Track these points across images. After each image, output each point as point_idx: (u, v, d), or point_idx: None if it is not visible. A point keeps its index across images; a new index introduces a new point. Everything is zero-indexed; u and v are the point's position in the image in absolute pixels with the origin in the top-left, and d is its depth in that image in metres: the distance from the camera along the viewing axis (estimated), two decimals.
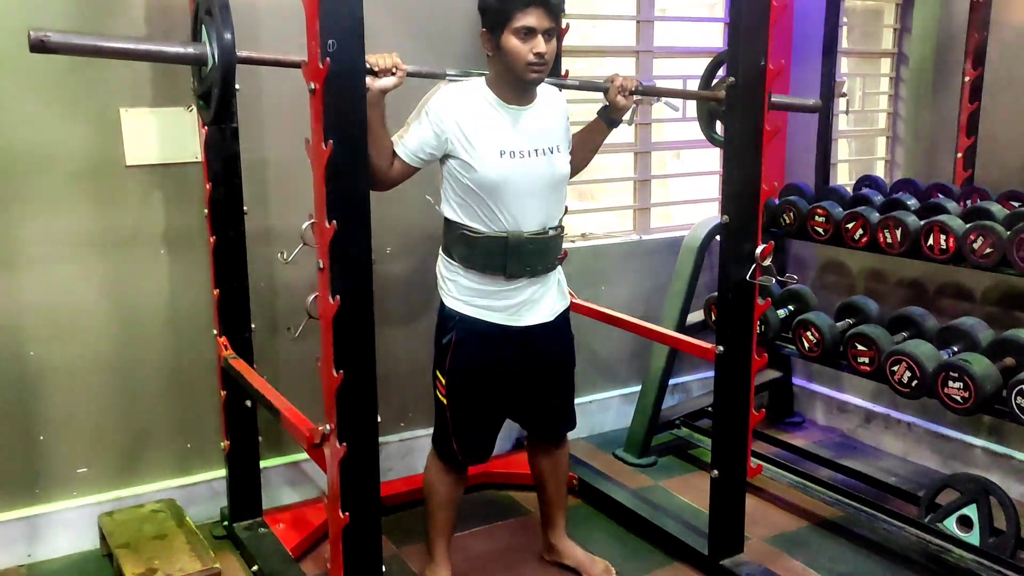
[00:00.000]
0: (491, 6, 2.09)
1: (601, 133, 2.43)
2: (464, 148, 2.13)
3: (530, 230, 2.21)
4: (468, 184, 2.15)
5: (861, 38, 4.01)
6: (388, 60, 1.94)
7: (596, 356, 3.59)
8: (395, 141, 2.13)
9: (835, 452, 3.41)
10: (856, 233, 2.92)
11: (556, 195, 2.28)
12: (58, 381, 2.60)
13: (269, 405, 2.17)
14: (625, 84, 2.31)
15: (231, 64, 1.70)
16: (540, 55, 2.07)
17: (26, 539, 2.62)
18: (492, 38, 2.11)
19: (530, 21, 2.05)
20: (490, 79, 2.19)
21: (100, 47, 1.73)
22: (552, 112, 2.28)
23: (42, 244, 2.51)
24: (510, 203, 2.17)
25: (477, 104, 2.15)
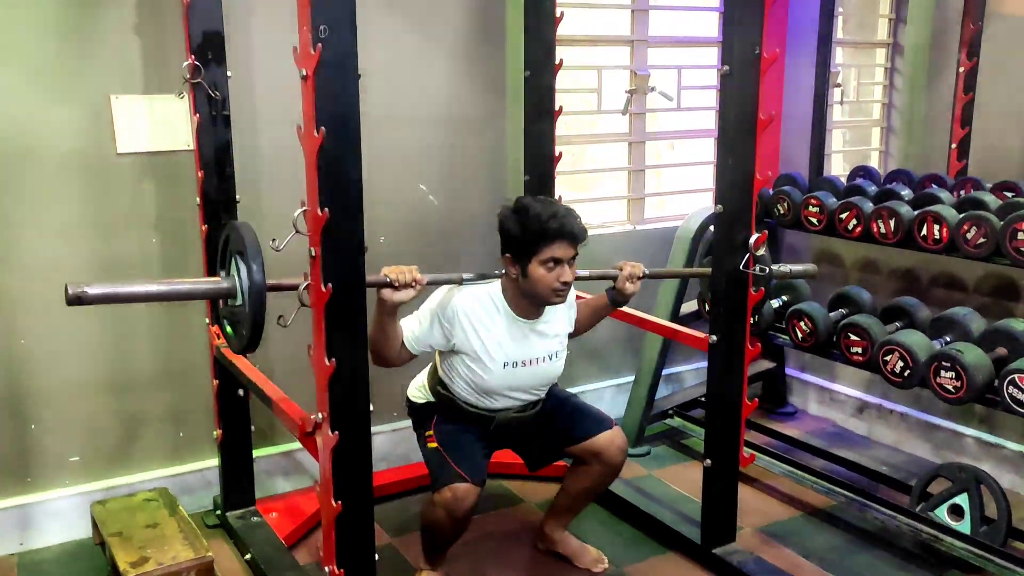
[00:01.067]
0: (517, 237, 2.16)
1: (605, 311, 2.57)
2: (471, 353, 2.25)
3: (517, 408, 2.38)
4: (467, 374, 2.28)
5: (856, 28, 4.00)
6: (407, 275, 2.00)
7: (589, 346, 3.58)
8: (406, 335, 2.21)
9: (827, 442, 3.42)
10: (850, 223, 2.92)
11: (547, 386, 2.43)
12: (50, 369, 2.59)
13: (261, 394, 2.17)
14: (634, 272, 2.43)
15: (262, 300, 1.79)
16: (566, 283, 2.18)
17: (18, 528, 2.62)
18: (516, 264, 2.18)
19: (557, 253, 2.14)
20: (505, 289, 2.26)
21: (137, 293, 1.81)
22: (559, 317, 2.37)
23: (33, 232, 2.50)
24: (503, 397, 2.33)
25: (489, 314, 2.24)
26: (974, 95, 3.26)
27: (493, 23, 3.11)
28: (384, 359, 2.21)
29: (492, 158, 3.21)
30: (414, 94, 3.00)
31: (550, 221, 2.12)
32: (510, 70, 3.14)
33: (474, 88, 3.12)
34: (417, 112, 3.03)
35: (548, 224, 2.12)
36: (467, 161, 3.16)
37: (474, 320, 2.23)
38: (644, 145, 3.65)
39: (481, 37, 3.10)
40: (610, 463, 2.42)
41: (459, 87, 3.09)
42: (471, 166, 3.17)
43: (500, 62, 3.15)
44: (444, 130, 3.09)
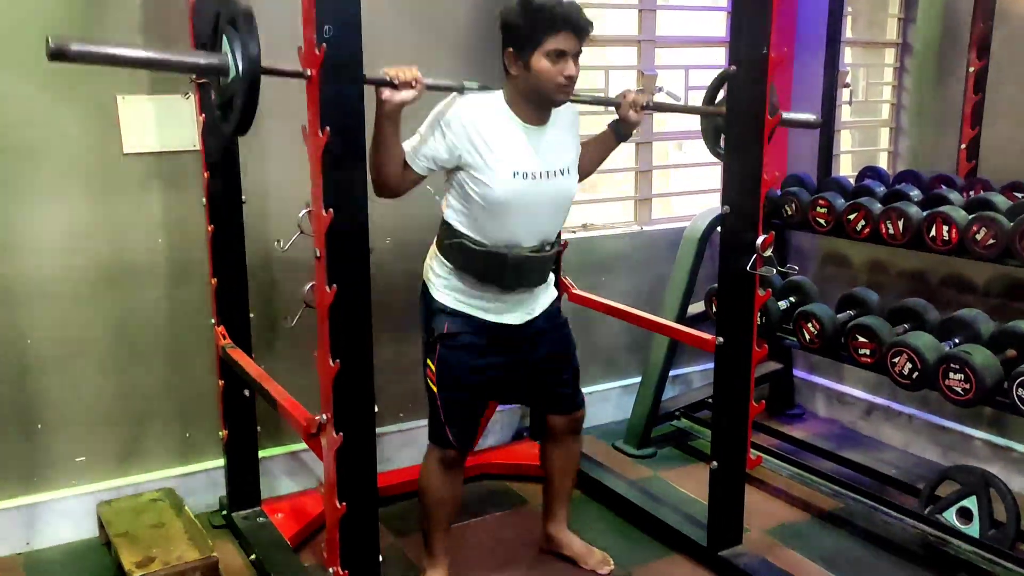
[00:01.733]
0: (519, 27, 2.08)
1: (610, 145, 2.44)
2: (477, 164, 2.11)
3: (530, 246, 2.22)
4: (476, 198, 2.14)
5: (866, 27, 3.98)
6: (408, 73, 1.93)
7: (596, 347, 3.58)
8: (407, 150, 2.12)
9: (835, 444, 3.40)
10: (858, 224, 2.91)
11: (561, 214, 2.30)
12: (56, 369, 2.60)
13: (266, 394, 2.17)
14: (637, 100, 2.32)
15: (257, 76, 1.67)
16: (570, 78, 2.09)
17: (24, 527, 2.63)
18: (519, 58, 2.10)
19: (561, 44, 2.06)
20: (508, 95, 2.17)
21: (120, 56, 1.71)
22: (566, 128, 2.28)
23: (39, 232, 2.50)
24: (515, 221, 2.17)
25: (494, 120, 2.14)
26: (984, 95, 3.24)
27: None
28: (386, 180, 2.09)
29: None
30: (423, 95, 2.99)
31: (556, 8, 2.05)
32: None
33: None
34: (424, 112, 3.01)
35: (554, 11, 2.03)
36: None
37: (480, 125, 2.10)
38: (651, 145, 3.64)
39: (488, 37, 3.08)
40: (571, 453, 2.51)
41: None
42: None
43: None
44: None
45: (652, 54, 3.54)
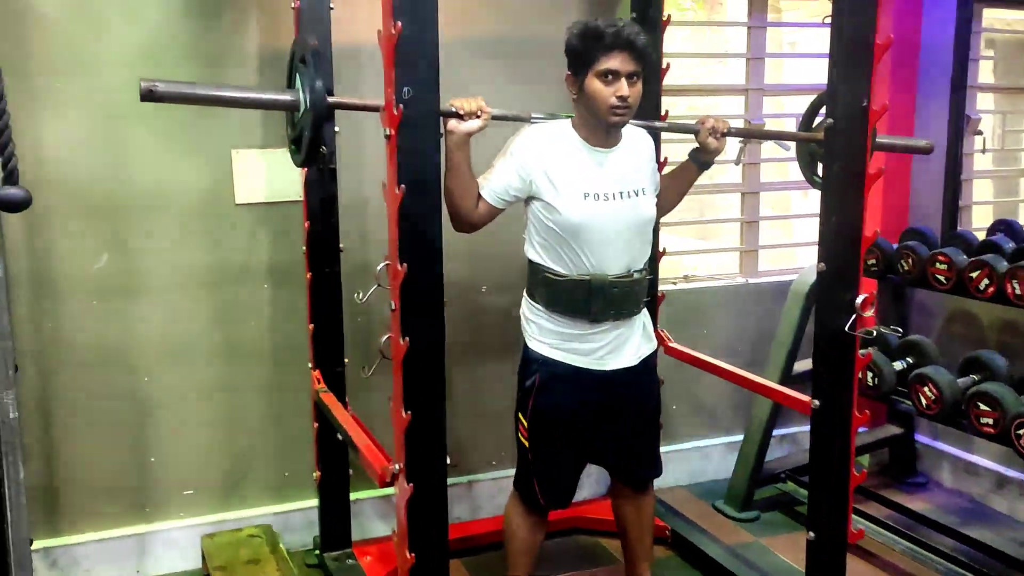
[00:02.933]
0: (575, 49, 2.10)
1: (691, 175, 2.37)
2: (548, 191, 2.12)
3: (614, 273, 2.17)
4: (551, 226, 2.14)
5: (1006, 73, 3.75)
6: (473, 104, 1.97)
7: (698, 401, 3.48)
8: (480, 183, 2.15)
9: (961, 518, 3.13)
10: (981, 283, 2.71)
11: (641, 238, 2.24)
12: (169, 406, 2.75)
13: (350, 440, 2.21)
14: (716, 126, 2.25)
15: (321, 110, 1.77)
16: (623, 99, 2.06)
17: (136, 555, 2.78)
18: (576, 80, 2.12)
19: (614, 64, 2.04)
20: (575, 121, 2.18)
21: (202, 95, 1.86)
22: (638, 153, 2.25)
23: (159, 276, 2.68)
24: (593, 246, 2.14)
25: (562, 146, 2.15)
26: None
27: None
28: (461, 214, 2.10)
29: None
30: None
31: (608, 28, 2.02)
32: None
33: None
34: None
35: (606, 31, 2.02)
36: None
37: (548, 152, 2.12)
38: (758, 196, 3.54)
39: None
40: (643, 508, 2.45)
41: None
42: None
43: None
44: None
45: (760, 103, 3.45)
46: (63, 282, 2.58)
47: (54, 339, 2.60)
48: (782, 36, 4.03)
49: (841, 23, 2.04)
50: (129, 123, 2.58)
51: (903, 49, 3.43)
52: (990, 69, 3.80)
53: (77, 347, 2.62)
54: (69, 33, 2.49)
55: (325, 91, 1.80)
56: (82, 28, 2.50)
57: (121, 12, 2.53)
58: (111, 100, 2.54)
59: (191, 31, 2.60)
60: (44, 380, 2.60)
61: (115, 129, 2.57)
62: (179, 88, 1.81)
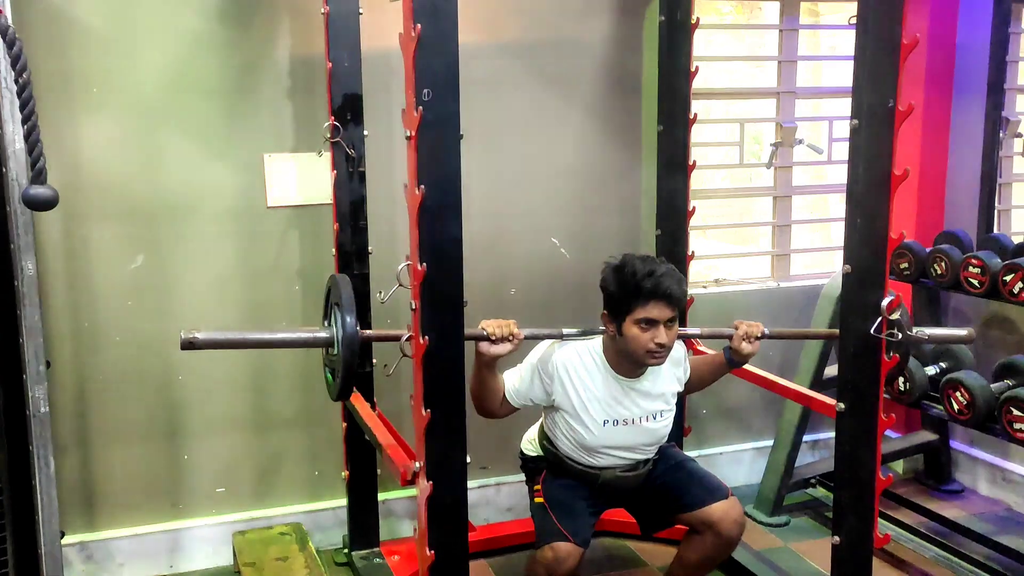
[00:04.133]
0: (613, 295, 2.16)
1: (722, 371, 2.46)
2: (570, 411, 2.24)
3: (623, 467, 2.33)
4: (569, 433, 2.28)
5: None
6: (505, 329, 2.02)
7: (728, 406, 3.45)
8: (506, 386, 2.24)
9: (996, 527, 3.07)
10: (1015, 287, 2.66)
11: (655, 445, 2.37)
12: (202, 405, 2.81)
13: (375, 439, 2.24)
14: (750, 332, 2.31)
15: (353, 351, 1.92)
16: (661, 345, 2.12)
17: (168, 551, 2.84)
18: (613, 322, 2.17)
19: (652, 313, 2.10)
20: (607, 346, 2.25)
21: (240, 340, 2.01)
22: (665, 375, 2.32)
23: (192, 278, 2.75)
24: (607, 455, 2.30)
25: (589, 371, 2.24)
26: None
27: (629, 77, 3.12)
28: (487, 411, 2.24)
29: (626, 212, 3.20)
30: (549, 148, 3.05)
31: (645, 280, 2.08)
32: (645, 124, 3.13)
33: (608, 142, 3.13)
34: (551, 166, 3.08)
35: (643, 283, 2.08)
36: (600, 215, 3.16)
37: (573, 376, 2.21)
38: (790, 199, 3.51)
39: (617, 91, 3.12)
40: (723, 536, 2.30)
41: (594, 141, 3.12)
42: (604, 220, 3.17)
43: (636, 116, 3.15)
44: (578, 184, 3.12)
45: (792, 105, 3.43)
46: (100, 281, 2.66)
47: (91, 336, 2.67)
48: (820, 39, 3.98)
49: (866, 23, 2.02)
50: (164, 128, 2.65)
51: (939, 49, 3.38)
52: None
53: (113, 345, 2.69)
54: (106, 40, 2.57)
55: (356, 332, 1.92)
56: (119, 35, 2.58)
57: (157, 20, 2.60)
58: (147, 105, 2.62)
59: (224, 38, 2.67)
60: (81, 377, 2.68)
61: (150, 134, 2.64)
62: (217, 336, 1.92)
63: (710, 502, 2.29)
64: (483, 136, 2.86)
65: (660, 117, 2.93)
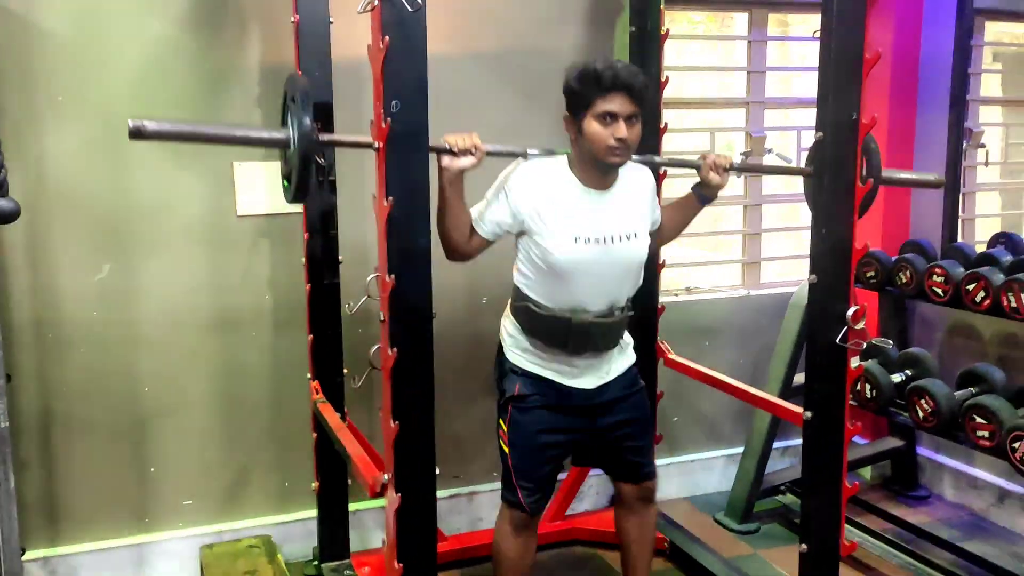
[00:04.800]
0: (573, 91, 2.11)
1: (693, 210, 2.38)
2: (538, 230, 2.13)
3: (596, 311, 2.19)
4: (539, 263, 2.16)
5: (1009, 85, 3.75)
6: (467, 140, 1.97)
7: (700, 413, 3.48)
8: (473, 215, 2.17)
9: (961, 532, 3.12)
10: (977, 295, 2.70)
11: (630, 279, 2.26)
12: (169, 416, 2.78)
13: (343, 450, 2.23)
14: (718, 162, 2.25)
15: (310, 149, 1.80)
16: (622, 140, 2.07)
17: (134, 565, 2.80)
18: (574, 122, 2.13)
19: (612, 106, 2.06)
20: (572, 159, 2.19)
21: (192, 133, 1.87)
22: (636, 193, 2.26)
23: (160, 287, 2.71)
24: (579, 286, 2.16)
25: (556, 185, 2.16)
26: None
27: None
28: (455, 246, 2.13)
29: None
30: None
31: (605, 71, 2.02)
32: None
33: None
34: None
35: (603, 74, 2.02)
36: None
37: (541, 190, 2.12)
38: (760, 208, 3.54)
39: None
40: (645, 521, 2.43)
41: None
42: None
43: None
44: None
45: (761, 115, 3.47)
46: (65, 291, 2.62)
47: (55, 348, 2.63)
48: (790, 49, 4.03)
49: (830, 37, 2.06)
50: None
51: (903, 62, 3.44)
52: (998, 82, 3.79)
53: (78, 356, 2.65)
54: (72, 48, 2.54)
55: (313, 129, 1.81)
56: (85, 43, 2.55)
57: (124, 27, 2.58)
58: (113, 113, 2.58)
59: (193, 46, 2.65)
60: (44, 390, 2.64)
61: (117, 142, 2.60)
62: (168, 127, 1.79)
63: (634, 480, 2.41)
64: None
65: None
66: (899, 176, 2.56)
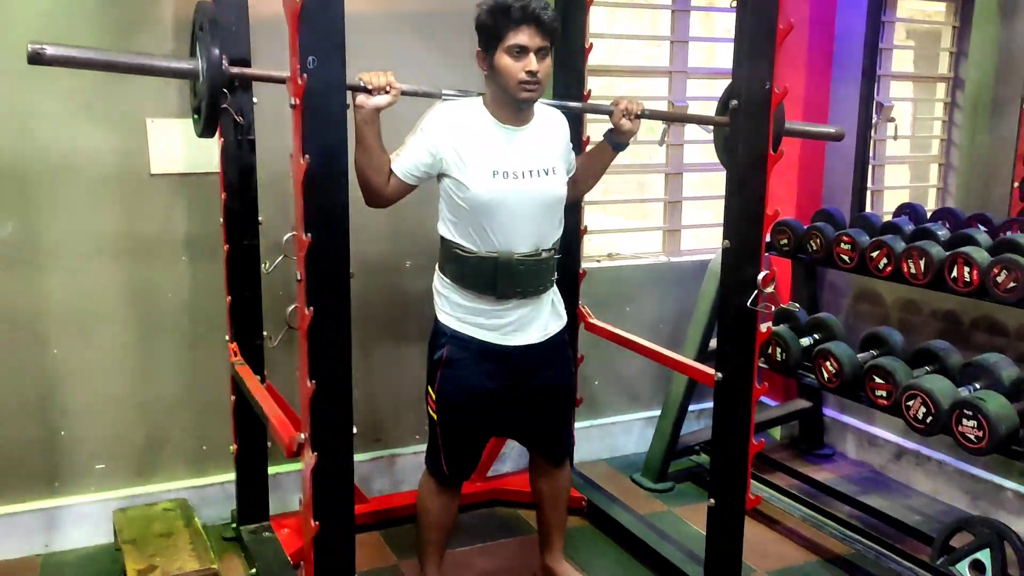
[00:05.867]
0: (484, 24, 2.11)
1: (607, 157, 2.39)
2: (457, 167, 2.14)
3: (522, 251, 2.20)
4: (460, 203, 2.16)
5: (919, 61, 3.89)
6: (382, 78, 1.96)
7: (620, 377, 3.56)
8: (392, 158, 2.15)
9: (861, 488, 3.29)
10: (880, 262, 2.83)
11: (551, 217, 2.26)
12: (79, 379, 2.71)
13: (261, 412, 2.22)
14: (630, 108, 2.26)
15: (218, 79, 1.75)
16: (532, 73, 2.07)
17: (44, 530, 2.74)
18: (486, 57, 2.13)
19: (522, 39, 2.06)
20: (487, 98, 2.20)
21: (96, 60, 1.79)
22: (550, 132, 2.27)
23: (68, 247, 2.63)
24: (502, 224, 2.16)
25: (472, 123, 2.16)
26: None
27: None
28: (374, 191, 2.12)
29: None
30: None
31: (514, 4, 2.04)
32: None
33: None
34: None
35: (512, 5, 2.04)
36: None
37: (458, 128, 2.13)
38: (681, 176, 3.62)
39: None
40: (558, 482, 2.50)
41: None
42: None
43: None
44: None
45: (684, 85, 3.52)
46: None
47: None
48: (715, 20, 4.10)
49: (746, 7, 2.10)
50: (35, 88, 2.51)
51: (819, 35, 3.54)
52: (911, 59, 3.93)
53: None
54: None
55: (222, 59, 1.76)
56: None
57: None
58: (16, 64, 2.45)
59: None
60: None
61: (20, 94, 2.50)
62: (70, 52, 1.72)
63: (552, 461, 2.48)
64: None
65: (555, 93, 2.96)
66: (801, 128, 2.64)
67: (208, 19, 1.78)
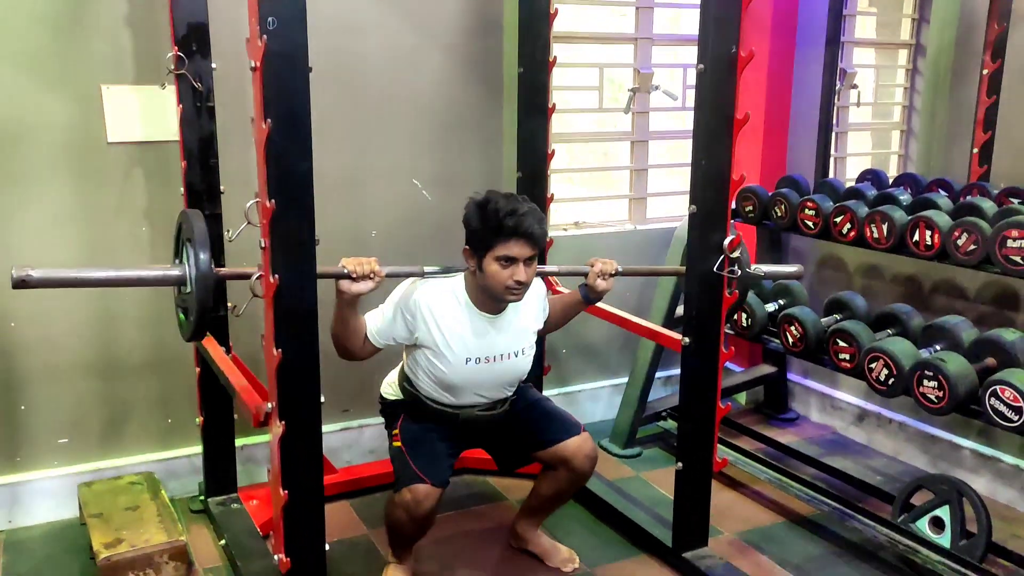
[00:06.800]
0: (475, 231, 2.14)
1: (579, 308, 2.51)
2: (433, 349, 2.23)
3: (483, 406, 2.34)
4: (431, 371, 2.26)
5: (879, 28, 3.91)
6: (366, 266, 1.99)
7: (587, 345, 3.57)
8: (368, 326, 2.20)
9: (824, 450, 3.35)
10: (844, 227, 2.86)
11: (513, 383, 2.39)
12: (40, 353, 2.66)
13: (228, 383, 2.19)
14: (604, 268, 2.37)
15: (208, 288, 1.81)
16: (519, 282, 2.14)
17: (6, 505, 2.70)
18: (474, 256, 2.17)
19: (512, 251, 2.11)
20: (468, 282, 2.24)
21: (81, 279, 1.81)
22: (525, 310, 2.34)
23: (24, 217, 2.56)
24: (468, 394, 2.30)
25: (451, 308, 2.22)
26: (998, 98, 3.15)
27: (491, 19, 3.10)
28: (348, 352, 2.21)
29: (487, 154, 3.21)
30: (409, 88, 3.01)
31: (507, 218, 2.09)
32: (507, 66, 3.13)
33: (470, 83, 3.12)
34: (412, 107, 3.04)
35: (505, 221, 2.09)
36: (462, 157, 3.16)
37: (436, 313, 2.20)
38: (647, 144, 3.61)
39: (478, 33, 3.10)
40: (577, 470, 2.40)
41: (455, 82, 3.09)
42: (466, 162, 3.17)
43: (497, 58, 3.14)
44: (439, 125, 3.10)
45: (649, 52, 3.51)
46: None
47: None
48: None
49: None
50: None
51: (783, 1, 3.54)
52: (873, 25, 3.95)
53: None
54: None
55: (211, 267, 1.80)
56: None
57: None
58: None
59: None
60: None
61: None
62: (55, 274, 1.74)
63: (564, 438, 2.38)
64: (338, 74, 2.79)
65: (520, 59, 2.94)
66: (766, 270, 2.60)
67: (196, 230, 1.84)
